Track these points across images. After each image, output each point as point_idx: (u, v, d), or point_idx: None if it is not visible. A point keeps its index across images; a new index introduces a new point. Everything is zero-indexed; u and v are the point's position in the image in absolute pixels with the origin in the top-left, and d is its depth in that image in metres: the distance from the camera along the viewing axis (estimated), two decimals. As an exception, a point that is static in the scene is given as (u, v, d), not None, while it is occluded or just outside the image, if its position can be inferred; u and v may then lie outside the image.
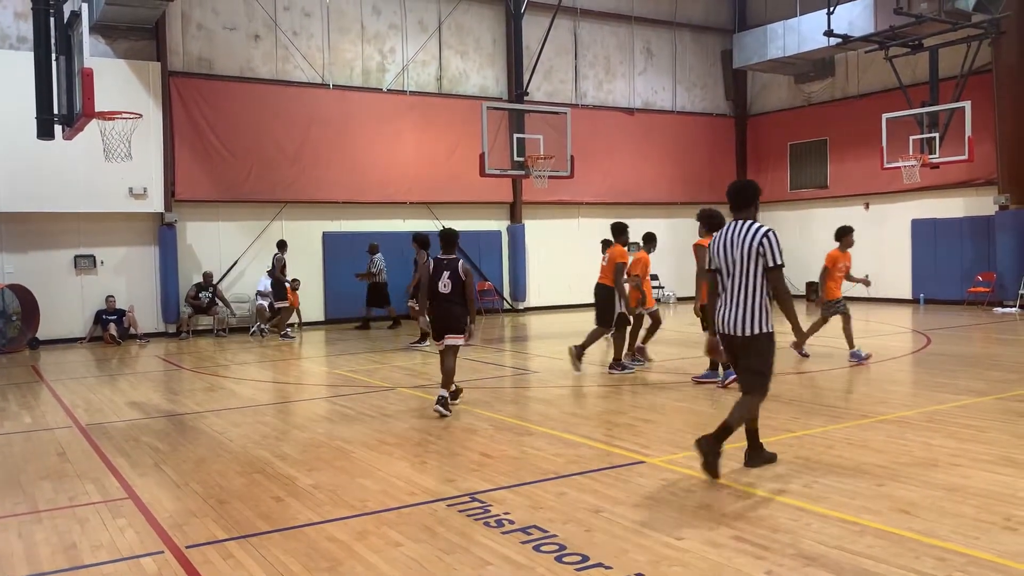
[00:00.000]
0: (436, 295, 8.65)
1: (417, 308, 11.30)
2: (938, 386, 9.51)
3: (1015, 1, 18.17)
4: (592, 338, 11.03)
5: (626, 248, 10.87)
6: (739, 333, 5.84)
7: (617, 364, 10.88)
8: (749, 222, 5.91)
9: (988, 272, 19.47)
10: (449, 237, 8.89)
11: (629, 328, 11.08)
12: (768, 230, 5.80)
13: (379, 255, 17.86)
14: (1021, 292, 18.61)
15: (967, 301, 19.78)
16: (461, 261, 8.74)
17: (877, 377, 10.26)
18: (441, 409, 8.37)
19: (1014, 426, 7.36)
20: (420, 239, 13.49)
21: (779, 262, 5.79)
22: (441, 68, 20.65)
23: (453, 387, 8.90)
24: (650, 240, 11.95)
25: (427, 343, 13.71)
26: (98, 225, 16.89)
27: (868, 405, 8.46)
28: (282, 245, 17.13)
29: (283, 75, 18.66)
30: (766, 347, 5.85)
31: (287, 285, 17.01)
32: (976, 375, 10.16)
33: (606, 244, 11.65)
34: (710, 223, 9.15)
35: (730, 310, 5.88)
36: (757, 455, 6.18)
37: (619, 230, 11.05)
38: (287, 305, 16.95)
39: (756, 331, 5.79)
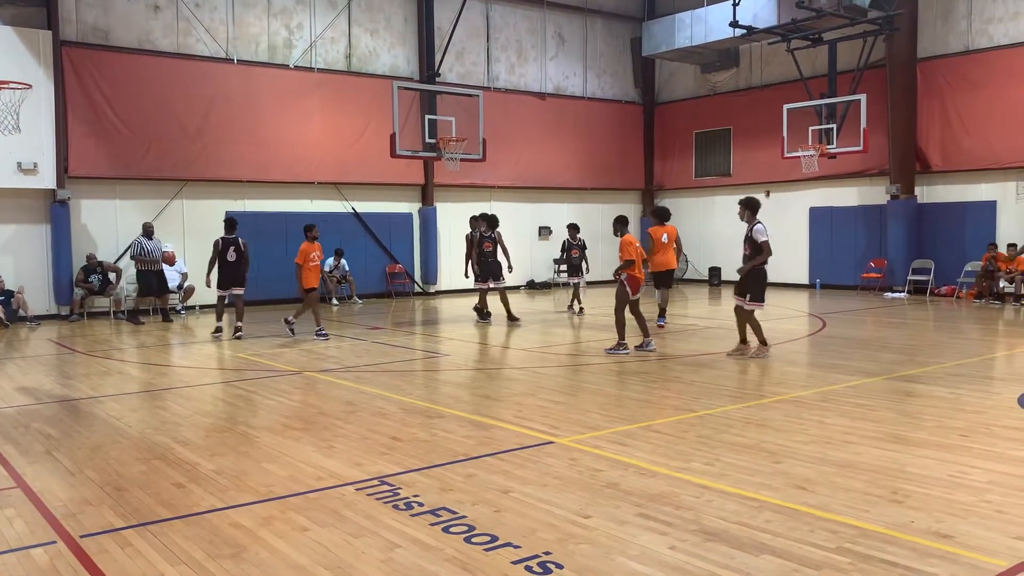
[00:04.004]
0: (225, 262, 13.30)
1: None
2: (832, 367, 9.92)
3: (907, -1, 19.02)
4: None
5: None
6: None
7: None
8: None
9: (880, 259, 20.40)
10: (231, 222, 13.58)
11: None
12: None
13: (154, 240, 16.35)
14: (910, 278, 19.57)
15: (860, 286, 20.68)
16: (240, 238, 13.43)
17: (775, 359, 10.63)
18: (223, 336, 13.26)
19: (901, 405, 7.75)
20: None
21: None
22: (351, 46, 20.27)
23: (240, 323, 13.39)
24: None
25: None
26: (-17, 201, 15.99)
27: (766, 386, 8.76)
28: (482, 220, 15.41)
29: (185, 49, 17.98)
30: None
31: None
32: (867, 356, 10.64)
33: None
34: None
35: None
36: None
37: None
38: (488, 287, 15.21)
39: None
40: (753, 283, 10.38)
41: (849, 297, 19.40)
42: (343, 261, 19.63)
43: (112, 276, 16.89)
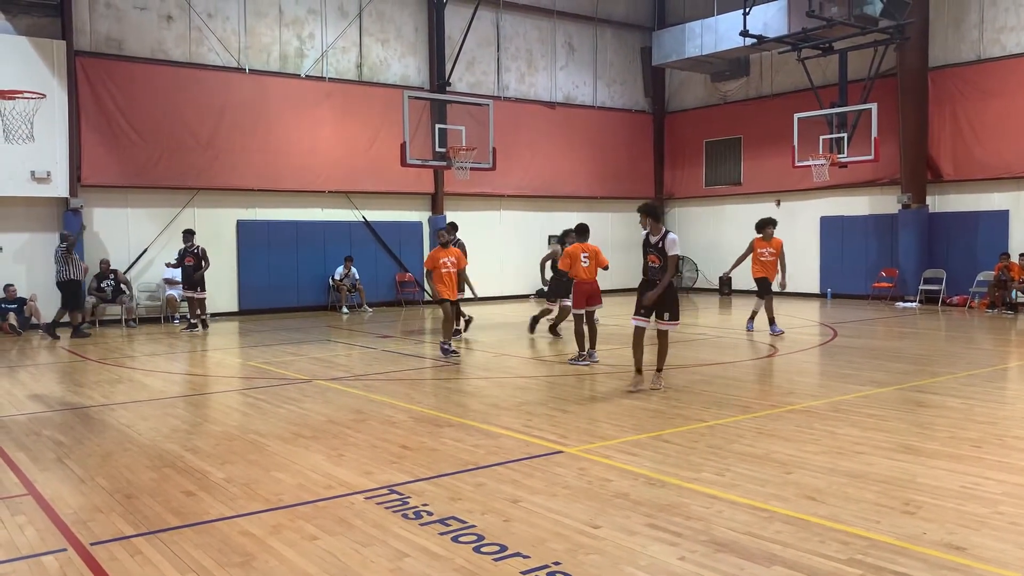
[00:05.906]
0: (185, 266, 15.68)
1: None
2: (843, 377, 9.87)
3: (919, 8, 18.97)
4: None
5: None
6: None
7: None
8: None
9: (891, 268, 20.30)
10: (188, 232, 15.77)
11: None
12: None
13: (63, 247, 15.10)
14: (921, 288, 19.47)
15: (871, 296, 20.58)
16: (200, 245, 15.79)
17: (785, 368, 10.59)
18: (196, 330, 15.55)
19: (913, 415, 7.70)
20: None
21: None
22: (361, 55, 20.37)
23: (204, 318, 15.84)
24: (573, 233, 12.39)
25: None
26: (-3, 209, 16.11)
27: (777, 396, 8.72)
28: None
29: (197, 58, 18.10)
30: None
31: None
32: (878, 366, 10.58)
33: None
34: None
35: None
36: None
37: None
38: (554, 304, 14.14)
39: None
40: (671, 301, 9.04)
41: (860, 307, 19.31)
42: (353, 269, 19.68)
43: (123, 286, 16.95)
